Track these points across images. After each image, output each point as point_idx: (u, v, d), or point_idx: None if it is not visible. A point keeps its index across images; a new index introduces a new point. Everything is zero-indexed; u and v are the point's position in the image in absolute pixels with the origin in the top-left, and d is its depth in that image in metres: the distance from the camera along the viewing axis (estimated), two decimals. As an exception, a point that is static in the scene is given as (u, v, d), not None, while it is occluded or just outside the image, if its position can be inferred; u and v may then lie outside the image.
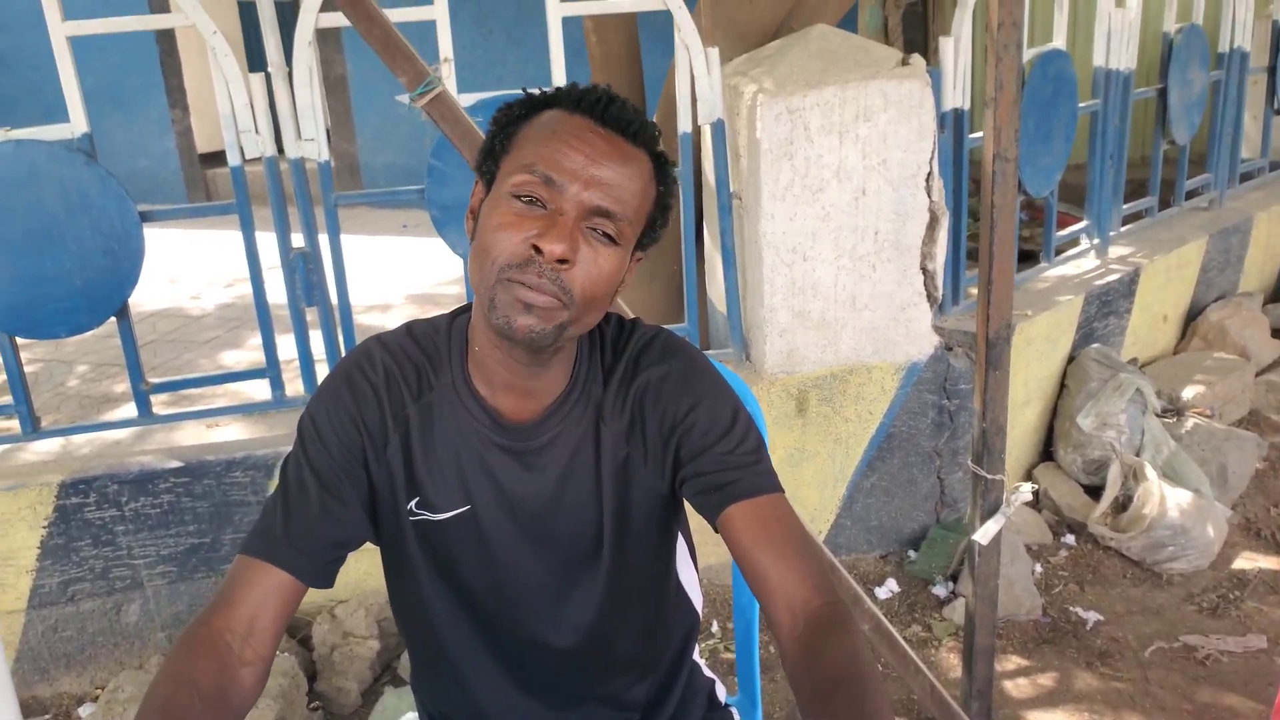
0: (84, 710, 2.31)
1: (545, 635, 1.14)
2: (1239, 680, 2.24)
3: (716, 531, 1.04)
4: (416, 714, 1.32)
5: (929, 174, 2.50)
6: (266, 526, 1.04)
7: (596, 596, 1.13)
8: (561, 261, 0.95)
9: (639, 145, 1.01)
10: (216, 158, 7.70)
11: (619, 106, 1.00)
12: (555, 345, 1.01)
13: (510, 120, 1.03)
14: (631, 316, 1.19)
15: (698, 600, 1.30)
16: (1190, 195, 3.86)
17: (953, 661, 2.34)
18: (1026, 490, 1.88)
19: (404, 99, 1.81)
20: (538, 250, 0.94)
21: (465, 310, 1.12)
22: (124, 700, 2.06)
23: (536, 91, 1.04)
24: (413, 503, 1.09)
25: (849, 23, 5.09)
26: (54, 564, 2.33)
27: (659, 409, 1.07)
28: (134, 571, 2.38)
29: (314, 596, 2.48)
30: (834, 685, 0.89)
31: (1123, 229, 3.54)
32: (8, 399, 2.37)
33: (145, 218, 2.26)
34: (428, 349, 1.10)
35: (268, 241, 2.32)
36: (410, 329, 1.13)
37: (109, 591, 2.38)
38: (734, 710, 1.35)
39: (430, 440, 1.08)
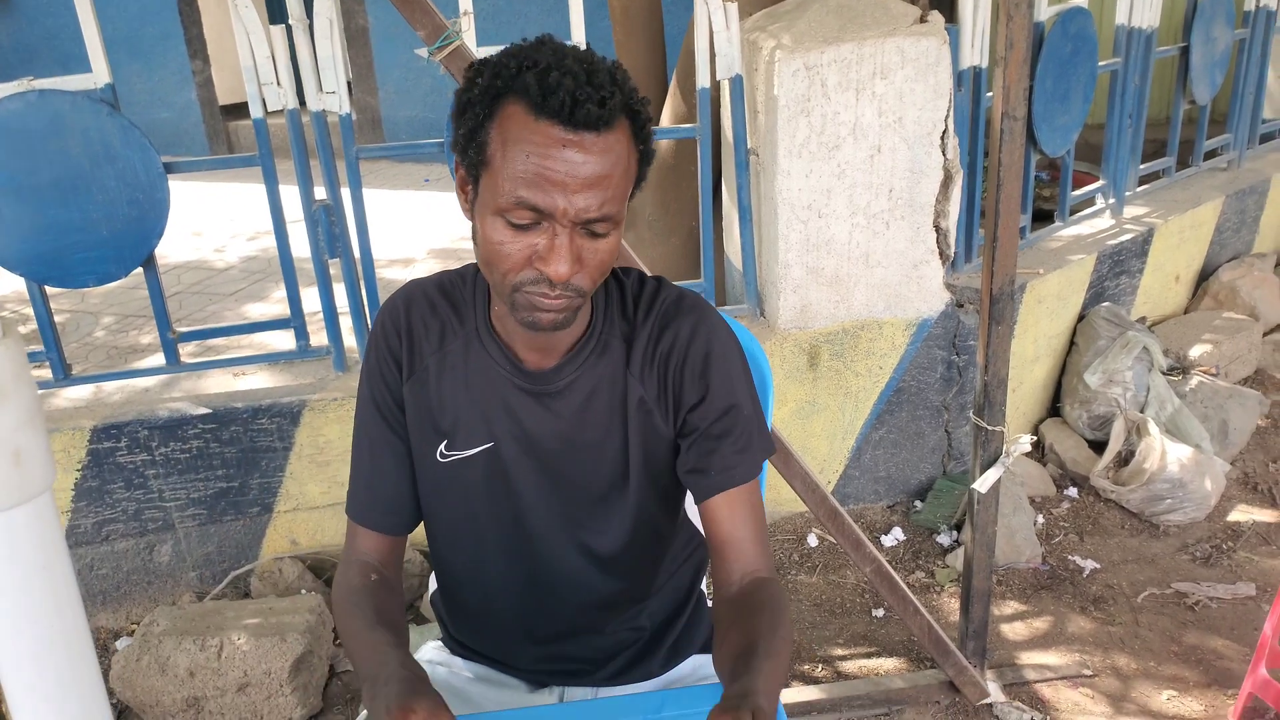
0: (120, 643, 2.41)
1: (566, 563, 1.22)
2: (1225, 625, 2.31)
3: (695, 503, 1.16)
4: (439, 642, 1.40)
5: (944, 132, 2.51)
6: (354, 489, 1.20)
7: (616, 530, 1.21)
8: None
9: (612, 128, 0.97)
10: (238, 109, 7.68)
11: (585, 102, 0.93)
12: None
13: (477, 124, 0.98)
14: (651, 274, 1.24)
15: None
16: (1209, 155, 3.85)
17: (953, 606, 2.41)
18: (1025, 442, 1.93)
19: (422, 52, 1.84)
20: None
21: None
22: (159, 634, 2.15)
23: (494, 74, 0.98)
24: (442, 445, 1.17)
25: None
26: (88, 505, 2.42)
27: (679, 375, 1.14)
28: (165, 513, 2.47)
29: (336, 539, 2.57)
30: (754, 626, 1.02)
31: (1139, 189, 3.54)
32: (38, 347, 2.43)
33: (169, 169, 2.28)
34: (454, 298, 1.18)
35: (290, 194, 2.37)
36: (440, 280, 1.20)
37: (141, 532, 2.47)
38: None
39: (454, 382, 1.16)
